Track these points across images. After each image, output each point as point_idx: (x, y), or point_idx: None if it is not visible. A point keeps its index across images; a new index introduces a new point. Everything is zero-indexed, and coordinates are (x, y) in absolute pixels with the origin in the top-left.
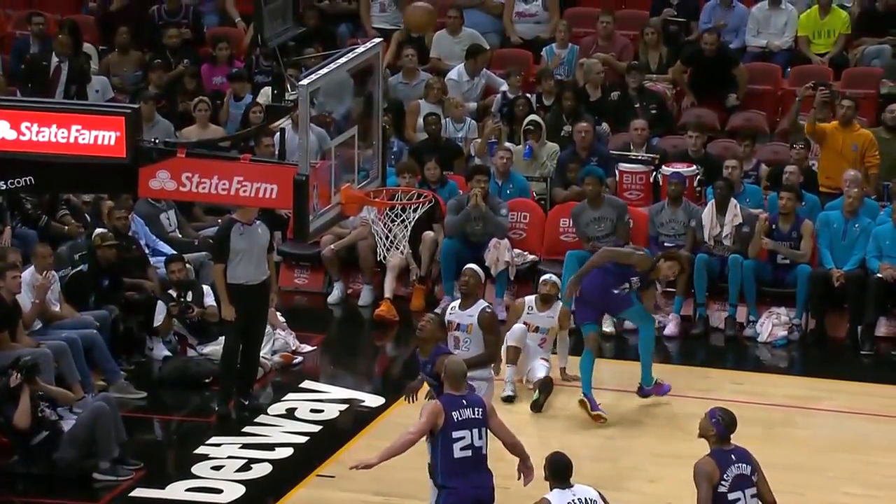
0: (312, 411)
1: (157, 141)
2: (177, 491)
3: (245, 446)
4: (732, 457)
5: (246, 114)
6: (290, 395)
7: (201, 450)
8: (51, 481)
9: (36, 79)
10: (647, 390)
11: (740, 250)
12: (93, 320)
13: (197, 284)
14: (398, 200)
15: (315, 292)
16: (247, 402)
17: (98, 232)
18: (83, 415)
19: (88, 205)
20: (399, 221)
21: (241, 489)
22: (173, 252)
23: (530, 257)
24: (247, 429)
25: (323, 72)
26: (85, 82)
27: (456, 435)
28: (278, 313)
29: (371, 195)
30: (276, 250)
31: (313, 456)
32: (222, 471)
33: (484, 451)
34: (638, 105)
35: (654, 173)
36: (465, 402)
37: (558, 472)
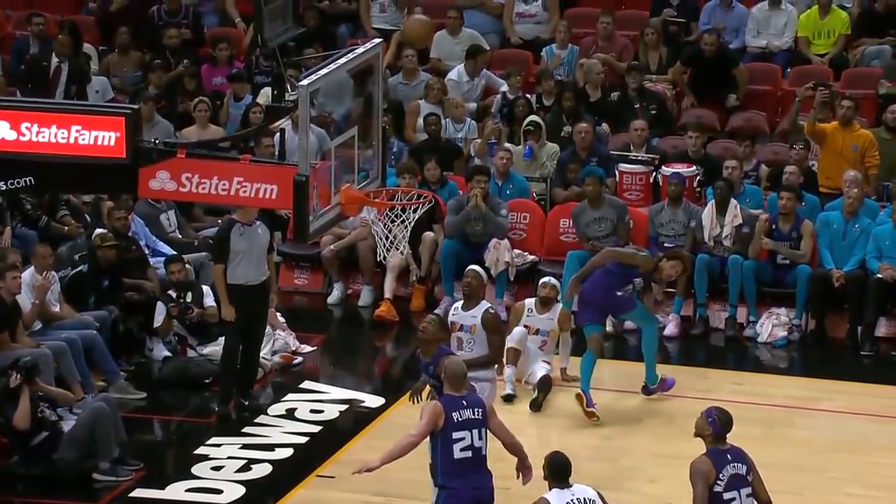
0: (312, 412)
1: (156, 141)
2: (177, 491)
3: (245, 447)
4: (728, 456)
5: (246, 114)
6: (290, 396)
7: (201, 450)
8: (51, 482)
9: (36, 79)
10: (651, 388)
11: (740, 251)
12: (93, 321)
13: (197, 285)
14: (398, 201)
15: (315, 293)
16: (247, 403)
17: (98, 232)
18: (83, 415)
19: (88, 205)
20: (399, 222)
21: (241, 490)
22: (173, 253)
23: (530, 258)
24: (247, 429)
25: (323, 72)
26: (85, 83)
27: (456, 435)
28: (278, 314)
29: (371, 195)
30: (276, 251)
31: (313, 456)
32: (222, 471)
33: (484, 451)
34: (638, 105)
35: (654, 174)
36: (465, 402)
37: (557, 471)
